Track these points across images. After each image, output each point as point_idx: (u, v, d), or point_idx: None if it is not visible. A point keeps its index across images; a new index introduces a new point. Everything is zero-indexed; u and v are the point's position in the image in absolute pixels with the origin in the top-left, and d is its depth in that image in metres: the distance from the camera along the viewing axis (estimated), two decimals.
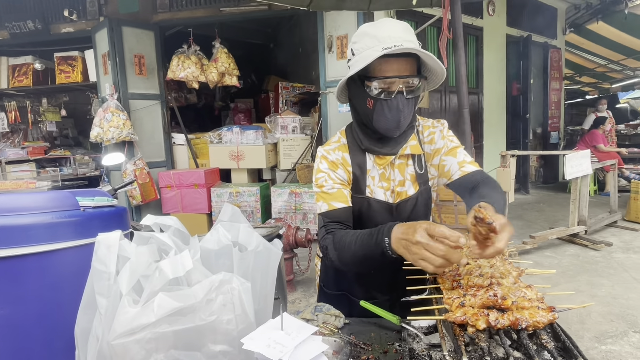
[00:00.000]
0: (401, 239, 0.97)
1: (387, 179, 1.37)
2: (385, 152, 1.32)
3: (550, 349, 0.71)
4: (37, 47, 6.08)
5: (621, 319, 3.17)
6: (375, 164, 1.36)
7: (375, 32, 1.20)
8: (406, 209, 1.37)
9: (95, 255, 0.79)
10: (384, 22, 1.23)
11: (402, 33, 1.20)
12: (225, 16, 5.40)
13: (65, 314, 0.86)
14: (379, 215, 1.36)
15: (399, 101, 1.20)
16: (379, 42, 1.18)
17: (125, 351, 0.74)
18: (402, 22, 1.25)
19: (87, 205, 1.00)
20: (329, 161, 1.35)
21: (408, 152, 1.33)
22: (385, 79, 1.19)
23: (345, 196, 1.32)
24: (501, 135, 7.99)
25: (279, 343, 0.71)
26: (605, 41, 9.00)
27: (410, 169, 1.37)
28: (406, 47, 1.14)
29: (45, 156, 6.39)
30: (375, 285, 1.48)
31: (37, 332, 0.92)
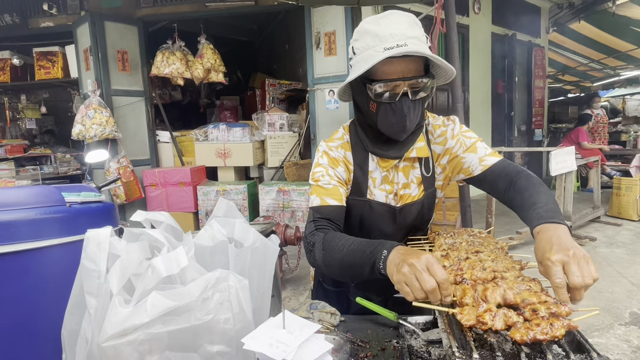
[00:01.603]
0: (399, 257, 0.92)
1: (390, 182, 1.30)
2: (390, 155, 1.24)
3: (561, 342, 0.69)
4: (15, 42, 5.88)
5: (607, 312, 3.22)
6: (378, 166, 1.30)
7: (376, 29, 1.11)
8: (411, 213, 1.32)
9: (85, 252, 0.75)
10: (386, 17, 1.13)
11: (406, 29, 1.10)
12: (210, 12, 5.31)
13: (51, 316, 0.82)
14: (382, 219, 1.31)
15: (404, 104, 1.12)
16: (381, 42, 1.09)
17: (116, 354, 0.70)
18: (407, 15, 1.14)
19: (73, 201, 0.94)
20: (331, 157, 1.30)
21: (414, 155, 1.26)
22: (389, 82, 1.11)
23: (341, 194, 1.26)
24: (487, 133, 8.07)
25: (282, 342, 0.68)
26: (586, 40, 9.17)
27: (417, 171, 1.31)
28: (410, 49, 1.06)
29: (25, 154, 6.20)
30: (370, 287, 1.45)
31: (22, 336, 0.87)
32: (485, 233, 1.29)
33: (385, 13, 1.15)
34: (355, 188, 1.30)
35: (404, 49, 1.05)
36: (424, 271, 0.84)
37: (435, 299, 0.83)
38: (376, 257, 0.98)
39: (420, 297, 0.84)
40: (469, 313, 0.75)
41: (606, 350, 2.75)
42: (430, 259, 0.86)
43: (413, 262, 0.86)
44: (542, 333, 0.67)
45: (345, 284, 1.50)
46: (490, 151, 1.29)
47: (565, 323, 0.69)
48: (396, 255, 0.94)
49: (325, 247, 1.14)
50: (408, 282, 0.86)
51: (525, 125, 9.20)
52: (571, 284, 0.78)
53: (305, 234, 1.25)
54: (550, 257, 0.81)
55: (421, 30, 1.15)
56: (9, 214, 0.86)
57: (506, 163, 1.25)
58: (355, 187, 1.30)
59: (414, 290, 0.85)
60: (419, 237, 1.41)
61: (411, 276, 0.85)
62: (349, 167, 1.30)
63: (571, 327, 0.69)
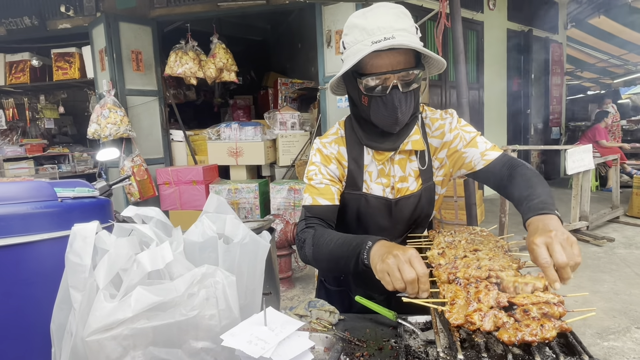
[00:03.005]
0: (384, 249, 0.95)
1: (386, 175, 1.29)
2: (385, 147, 1.24)
3: (552, 344, 0.67)
4: (34, 43, 6.02)
5: (623, 315, 3.13)
6: (374, 159, 1.29)
7: (364, 23, 1.11)
8: (408, 206, 1.30)
9: (70, 247, 0.75)
10: (374, 10, 1.13)
11: (393, 21, 1.09)
12: (223, 11, 5.34)
13: (42, 310, 0.82)
14: (378, 212, 1.30)
15: (395, 97, 1.12)
16: (368, 35, 1.09)
17: (100, 348, 0.70)
18: (396, 7, 1.14)
19: (65, 196, 0.95)
20: (323, 155, 1.30)
21: (409, 147, 1.25)
22: (378, 75, 1.11)
23: (332, 194, 1.27)
24: (502, 131, 7.94)
25: (261, 339, 0.67)
26: (607, 36, 8.93)
27: (414, 165, 1.29)
28: (397, 42, 1.05)
29: (44, 153, 6.35)
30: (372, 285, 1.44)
31: (13, 330, 0.88)
32: (487, 231, 1.26)
33: (373, 6, 1.14)
34: (350, 182, 1.29)
35: (390, 42, 1.05)
36: (407, 263, 0.88)
37: (413, 291, 0.86)
38: (361, 248, 1.01)
39: (400, 288, 0.88)
40: (458, 312, 0.73)
41: (622, 354, 2.67)
42: (414, 253, 0.89)
43: (398, 253, 0.90)
44: (531, 334, 0.64)
45: (347, 283, 1.49)
46: (491, 145, 1.28)
47: (557, 324, 0.67)
48: (380, 248, 0.97)
49: (315, 242, 1.16)
50: (390, 272, 0.89)
51: (542, 123, 9.01)
52: (556, 263, 0.78)
53: (297, 231, 1.27)
54: (534, 241, 0.82)
55: (410, 21, 1.14)
56: (1, 208, 0.87)
57: (507, 157, 1.25)
58: (351, 181, 1.29)
59: (394, 280, 0.88)
60: (419, 234, 1.38)
61: (394, 266, 0.88)
62: (342, 162, 1.29)
63: (563, 329, 0.66)
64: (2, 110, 6.57)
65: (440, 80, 6.60)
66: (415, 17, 5.80)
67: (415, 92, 1.17)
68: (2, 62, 6.04)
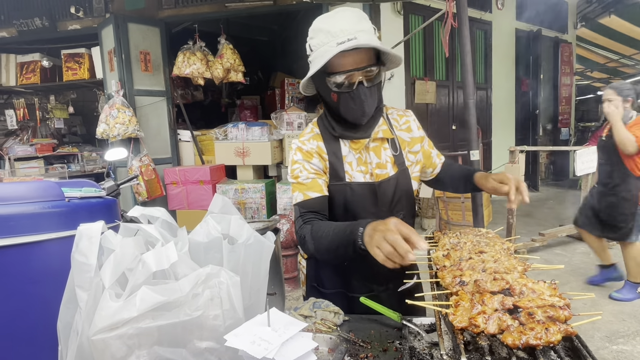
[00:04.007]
0: (370, 230, 1.01)
1: (364, 163, 1.38)
2: (358, 136, 1.34)
3: (557, 348, 0.66)
4: (45, 44, 6.09)
5: (633, 319, 3.09)
6: (351, 149, 1.37)
7: (328, 26, 1.21)
8: (389, 188, 1.38)
9: (76, 246, 0.76)
10: (336, 15, 1.24)
11: (355, 24, 1.20)
12: (230, 12, 5.36)
13: (49, 309, 0.83)
14: (364, 198, 1.37)
15: (361, 91, 1.23)
16: (333, 37, 1.19)
17: (105, 347, 0.71)
18: (355, 11, 1.24)
19: (72, 196, 0.97)
20: (304, 152, 1.37)
21: (380, 135, 1.36)
22: (344, 73, 1.21)
23: (320, 185, 1.33)
24: (510, 131, 7.88)
25: (264, 340, 0.67)
26: (617, 35, 8.82)
27: (388, 152, 1.40)
28: (359, 42, 1.15)
29: (54, 153, 6.42)
30: (370, 277, 1.48)
31: (20, 328, 0.89)
32: (493, 233, 1.25)
33: (336, 11, 1.25)
34: (333, 174, 1.37)
35: (354, 42, 1.15)
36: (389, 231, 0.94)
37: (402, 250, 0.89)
38: (355, 236, 1.06)
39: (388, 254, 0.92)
40: (462, 314, 0.73)
41: (631, 358, 2.64)
42: (394, 220, 0.97)
43: (380, 227, 0.97)
44: (536, 338, 0.64)
45: (345, 283, 1.49)
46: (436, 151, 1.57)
47: (562, 328, 0.66)
48: (369, 230, 1.02)
49: (314, 236, 1.23)
50: (378, 244, 0.94)
51: (550, 124, 8.93)
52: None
53: (295, 229, 1.33)
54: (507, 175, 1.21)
55: (369, 24, 1.25)
56: (8, 207, 0.88)
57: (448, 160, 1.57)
58: (333, 173, 1.37)
59: (383, 250, 0.93)
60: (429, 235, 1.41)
61: (380, 238, 0.94)
62: (323, 156, 1.37)
63: (568, 333, 0.66)
64: (13, 110, 6.66)
65: (448, 81, 6.57)
66: (423, 16, 5.80)
67: (378, 87, 1.29)
68: (14, 62, 6.12)
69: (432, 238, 1.37)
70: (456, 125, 6.66)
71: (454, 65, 6.51)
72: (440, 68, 6.44)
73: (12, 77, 6.17)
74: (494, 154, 7.32)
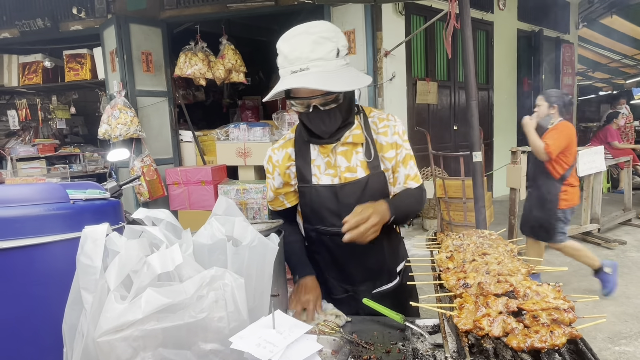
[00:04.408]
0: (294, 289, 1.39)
1: (333, 167, 1.41)
2: (325, 141, 1.37)
3: (561, 351, 0.66)
4: (47, 45, 6.10)
5: (635, 320, 3.08)
6: (319, 154, 1.41)
7: (286, 50, 1.21)
8: (354, 191, 1.39)
9: (81, 249, 0.76)
10: (293, 38, 1.21)
11: (309, 51, 1.18)
12: (232, 12, 5.37)
13: (54, 310, 0.84)
14: (327, 200, 1.41)
15: (317, 115, 1.26)
16: (289, 64, 1.20)
17: (111, 349, 0.71)
18: (315, 33, 1.20)
19: (77, 198, 0.97)
20: (272, 163, 1.49)
21: (350, 140, 1.37)
22: (299, 99, 1.23)
23: (281, 202, 1.53)
24: (512, 132, 7.86)
25: (269, 342, 0.67)
26: (619, 35, 8.80)
27: (360, 156, 1.40)
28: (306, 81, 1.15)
29: (56, 153, 6.43)
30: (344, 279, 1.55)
31: (25, 330, 0.89)
32: (496, 235, 1.25)
33: (294, 32, 1.22)
34: (300, 177, 1.45)
35: (303, 80, 1.17)
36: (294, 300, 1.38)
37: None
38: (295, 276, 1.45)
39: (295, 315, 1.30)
40: (467, 317, 0.73)
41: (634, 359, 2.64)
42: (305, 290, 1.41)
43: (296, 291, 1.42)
44: (541, 341, 0.64)
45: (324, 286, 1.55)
46: (415, 173, 1.46)
47: (567, 331, 0.66)
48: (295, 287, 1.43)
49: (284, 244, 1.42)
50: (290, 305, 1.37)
51: None
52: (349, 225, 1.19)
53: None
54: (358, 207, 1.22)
55: (329, 45, 1.20)
56: (13, 209, 0.89)
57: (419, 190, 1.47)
58: (301, 176, 1.44)
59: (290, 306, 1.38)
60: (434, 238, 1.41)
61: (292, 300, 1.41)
62: (286, 164, 1.46)
63: (573, 336, 0.66)
64: (15, 110, 6.67)
65: (450, 81, 6.56)
66: (424, 17, 5.79)
67: (340, 107, 1.28)
68: (16, 63, 6.13)
69: (434, 239, 1.38)
70: (457, 126, 6.65)
71: (456, 65, 6.51)
72: (441, 68, 6.43)
73: (14, 78, 6.18)
74: (495, 155, 7.32)
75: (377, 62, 5.04)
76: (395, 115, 1.48)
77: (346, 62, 1.26)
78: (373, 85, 5.08)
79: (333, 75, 1.19)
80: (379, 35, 4.98)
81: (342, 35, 1.26)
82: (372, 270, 1.51)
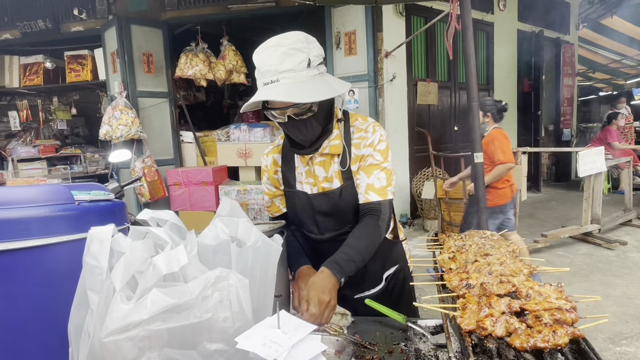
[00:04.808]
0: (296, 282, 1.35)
1: (312, 176, 1.43)
2: (303, 152, 1.39)
3: (564, 351, 0.67)
4: (48, 46, 6.11)
5: (636, 320, 3.09)
6: (301, 162, 1.45)
7: (258, 62, 1.22)
8: (327, 201, 1.42)
9: (87, 249, 0.77)
10: (263, 51, 1.22)
11: (278, 64, 1.18)
12: (232, 13, 5.38)
13: (59, 311, 0.84)
14: (305, 206, 1.46)
15: (292, 124, 1.27)
16: (262, 76, 1.22)
17: (117, 349, 0.72)
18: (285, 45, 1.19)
19: (82, 199, 0.98)
20: (263, 167, 1.54)
21: (327, 151, 1.38)
22: (273, 109, 1.24)
23: (277, 206, 1.56)
24: (512, 133, 7.87)
25: (274, 342, 0.68)
26: (619, 36, 8.81)
27: (336, 166, 1.41)
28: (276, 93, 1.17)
29: (56, 154, 6.44)
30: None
31: (31, 330, 0.90)
32: (497, 235, 1.26)
33: (267, 45, 1.22)
34: (285, 182, 1.49)
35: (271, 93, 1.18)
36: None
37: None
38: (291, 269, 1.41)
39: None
40: (470, 317, 0.74)
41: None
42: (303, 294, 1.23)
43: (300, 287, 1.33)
44: (544, 341, 0.64)
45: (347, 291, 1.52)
46: (380, 185, 1.36)
47: (569, 331, 0.67)
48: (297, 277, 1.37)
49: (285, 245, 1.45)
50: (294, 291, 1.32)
51: (552, 125, 8.92)
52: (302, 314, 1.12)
53: None
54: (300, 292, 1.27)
55: (298, 57, 1.20)
56: (19, 211, 0.89)
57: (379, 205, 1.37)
58: (286, 181, 1.49)
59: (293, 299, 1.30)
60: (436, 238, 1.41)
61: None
62: (273, 169, 1.51)
63: (576, 336, 0.66)
64: (16, 111, 6.67)
65: (450, 82, 6.57)
66: (425, 18, 5.80)
67: (316, 115, 1.27)
68: (17, 64, 6.14)
69: (436, 240, 1.38)
70: (458, 126, 6.66)
71: (456, 66, 6.51)
72: (442, 69, 6.44)
73: (16, 79, 6.19)
74: None
75: (378, 63, 5.05)
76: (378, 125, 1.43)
77: (319, 71, 1.25)
78: (374, 86, 5.09)
79: (302, 86, 1.19)
80: (380, 36, 4.99)
81: (315, 45, 1.25)
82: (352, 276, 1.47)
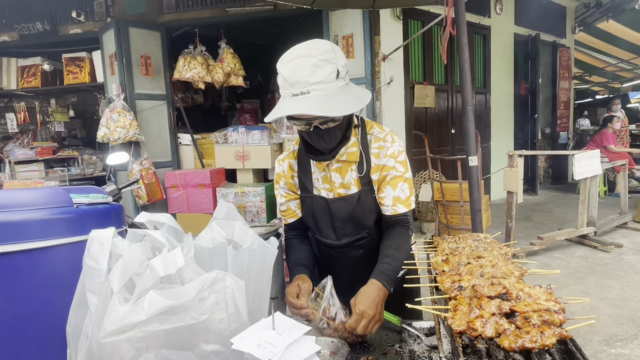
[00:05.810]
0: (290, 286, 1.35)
1: (329, 182, 1.45)
2: (320, 159, 1.40)
3: (551, 351, 0.69)
4: (46, 48, 6.12)
5: (631, 322, 3.11)
6: (317, 167, 1.46)
7: (286, 72, 1.21)
8: (346, 206, 1.43)
9: (88, 252, 0.78)
10: (294, 61, 1.21)
11: (309, 76, 1.18)
12: (231, 16, 5.40)
13: (58, 312, 0.85)
14: (323, 211, 1.47)
15: (317, 134, 1.28)
16: (290, 87, 1.21)
17: (114, 350, 0.73)
18: (314, 56, 1.20)
19: (80, 202, 0.99)
20: (278, 173, 1.54)
21: (344, 158, 1.40)
22: (299, 120, 1.25)
23: (293, 211, 1.55)
24: (509, 136, 7.91)
25: (269, 343, 0.69)
26: (615, 40, 8.88)
27: (354, 174, 1.43)
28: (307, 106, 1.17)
29: (54, 156, 6.43)
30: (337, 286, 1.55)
31: (30, 331, 0.91)
32: (491, 238, 1.28)
33: (294, 54, 1.22)
34: (302, 187, 1.50)
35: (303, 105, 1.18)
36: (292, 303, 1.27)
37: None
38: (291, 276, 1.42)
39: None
40: (461, 318, 0.75)
41: None
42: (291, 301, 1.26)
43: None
44: (531, 341, 0.66)
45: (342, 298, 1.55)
46: (406, 196, 1.42)
47: (557, 332, 0.68)
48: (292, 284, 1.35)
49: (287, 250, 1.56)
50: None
51: (549, 128, 8.97)
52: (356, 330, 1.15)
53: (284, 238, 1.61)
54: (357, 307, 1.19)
55: (328, 69, 1.20)
56: (19, 214, 0.91)
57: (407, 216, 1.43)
58: (302, 186, 1.50)
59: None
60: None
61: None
62: (290, 174, 1.52)
63: (563, 336, 0.68)
64: (13, 113, 6.67)
65: (447, 85, 6.61)
66: (422, 22, 5.83)
67: (340, 125, 1.30)
68: (15, 66, 6.14)
69: (431, 243, 1.40)
70: (455, 129, 6.69)
71: (453, 69, 6.55)
72: (439, 72, 6.48)
73: (13, 81, 6.19)
74: (492, 158, 7.35)
75: (375, 66, 5.08)
76: (395, 134, 1.45)
77: (346, 82, 1.26)
78: (371, 89, 5.11)
79: (333, 98, 1.20)
80: (377, 40, 5.02)
81: (341, 55, 1.25)
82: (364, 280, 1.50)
